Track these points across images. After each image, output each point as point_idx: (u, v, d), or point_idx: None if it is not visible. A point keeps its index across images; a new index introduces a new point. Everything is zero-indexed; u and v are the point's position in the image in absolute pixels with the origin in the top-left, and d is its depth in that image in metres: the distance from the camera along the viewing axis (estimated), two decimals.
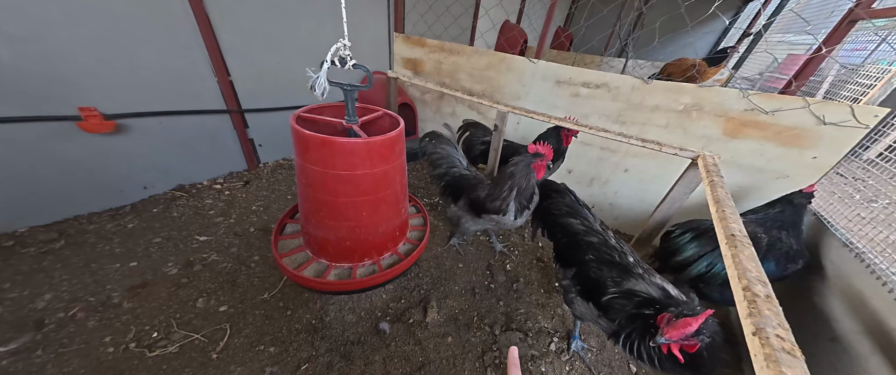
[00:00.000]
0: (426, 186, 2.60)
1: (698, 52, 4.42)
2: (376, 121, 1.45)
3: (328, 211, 1.23)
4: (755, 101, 1.48)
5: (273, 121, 2.31)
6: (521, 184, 1.41)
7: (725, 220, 0.76)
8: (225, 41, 1.85)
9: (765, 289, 0.54)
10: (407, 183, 1.49)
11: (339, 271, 1.35)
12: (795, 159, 1.48)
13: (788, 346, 0.44)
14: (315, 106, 1.30)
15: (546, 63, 2.18)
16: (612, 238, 1.15)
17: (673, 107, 1.75)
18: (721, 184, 0.95)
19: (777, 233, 1.24)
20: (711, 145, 1.68)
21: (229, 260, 1.57)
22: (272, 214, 1.96)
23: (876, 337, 0.93)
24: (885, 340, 0.91)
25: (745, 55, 3.10)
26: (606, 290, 1.00)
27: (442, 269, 1.72)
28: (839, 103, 1.31)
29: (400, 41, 2.79)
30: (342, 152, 1.09)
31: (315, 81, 1.02)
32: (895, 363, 0.86)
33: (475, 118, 2.72)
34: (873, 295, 1.00)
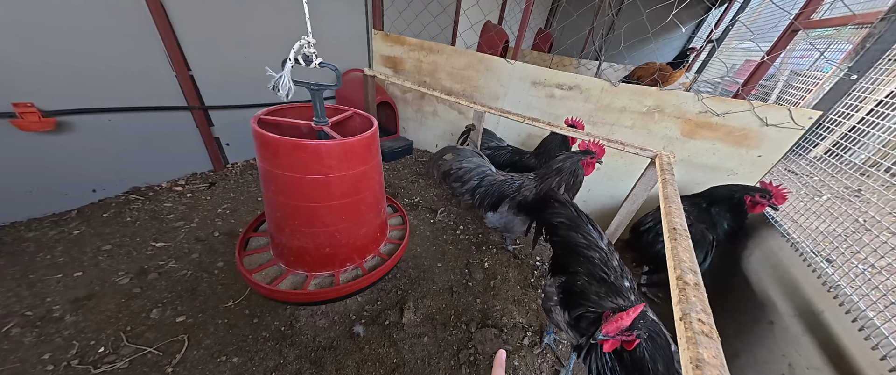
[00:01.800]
0: (407, 185, 2.58)
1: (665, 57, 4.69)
2: (346, 121, 1.42)
3: (305, 218, 1.19)
4: (708, 104, 1.59)
5: (242, 119, 2.20)
6: (570, 181, 1.44)
7: (670, 215, 0.81)
8: (184, 33, 1.73)
9: (694, 278, 0.58)
10: (383, 183, 1.47)
11: (319, 280, 1.31)
12: (743, 158, 1.60)
13: (707, 329, 0.47)
14: (276, 107, 1.25)
15: (523, 65, 2.23)
16: (616, 259, 1.10)
17: (638, 108, 1.84)
18: (671, 182, 1.01)
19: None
20: (672, 144, 1.79)
21: (189, 267, 1.47)
22: (240, 217, 1.87)
23: (806, 319, 1.03)
24: (815, 321, 1.01)
25: (707, 61, 3.34)
26: (586, 303, 0.99)
27: (420, 269, 1.71)
28: (779, 106, 1.44)
29: (379, 39, 2.74)
30: (319, 155, 1.06)
31: (278, 81, 0.98)
32: (821, 341, 0.96)
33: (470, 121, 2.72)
34: (805, 282, 1.10)
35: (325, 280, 1.32)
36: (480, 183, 1.82)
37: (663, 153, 1.28)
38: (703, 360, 0.43)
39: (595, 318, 0.93)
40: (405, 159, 3.03)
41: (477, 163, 1.89)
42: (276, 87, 0.98)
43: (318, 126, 1.23)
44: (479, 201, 1.81)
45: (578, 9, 3.05)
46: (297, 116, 1.30)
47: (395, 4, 2.80)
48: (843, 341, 0.90)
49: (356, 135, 1.14)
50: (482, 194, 1.80)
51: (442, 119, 2.96)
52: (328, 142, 1.07)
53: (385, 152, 2.85)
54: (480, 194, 1.81)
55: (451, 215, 2.26)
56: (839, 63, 1.32)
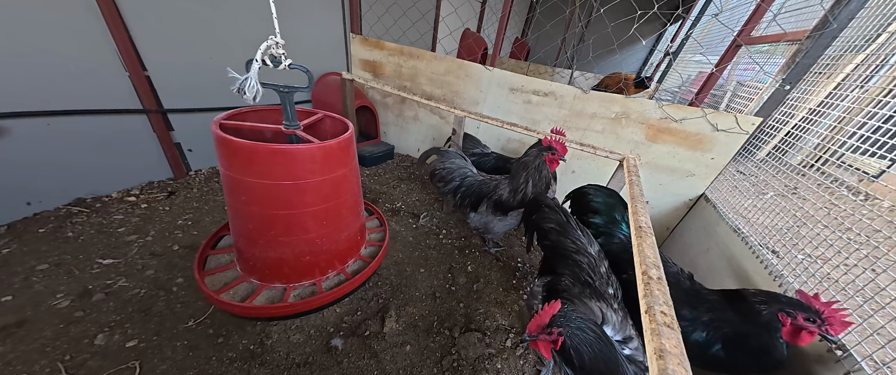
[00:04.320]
0: (389, 191, 2.54)
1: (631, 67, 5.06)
2: (317, 124, 1.37)
3: (283, 227, 1.13)
4: (667, 110, 1.72)
5: (207, 123, 2.06)
6: (535, 177, 1.49)
7: (636, 214, 0.86)
8: (138, 30, 1.60)
9: (657, 272, 0.62)
10: (361, 185, 1.45)
11: (300, 290, 1.25)
12: (699, 160, 1.75)
13: (669, 320, 0.50)
14: (235, 111, 1.19)
15: (501, 71, 2.30)
16: (604, 266, 1.10)
17: (607, 115, 1.96)
18: (637, 183, 1.08)
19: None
20: (638, 148, 1.91)
21: (143, 285, 1.34)
22: (205, 228, 1.73)
23: None
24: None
25: (666, 72, 3.66)
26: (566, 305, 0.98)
27: (403, 275, 1.68)
28: (727, 113, 1.59)
29: (357, 43, 2.71)
30: (300, 159, 1.02)
31: (244, 83, 0.93)
32: None
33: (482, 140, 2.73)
34: (754, 272, 1.21)
35: (307, 290, 1.26)
36: (461, 183, 1.85)
37: (630, 157, 1.37)
38: (665, 350, 0.46)
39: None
40: (387, 164, 2.99)
41: (459, 165, 1.91)
42: (241, 89, 0.93)
43: (289, 130, 1.18)
44: (460, 200, 1.83)
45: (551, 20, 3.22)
46: (259, 120, 1.25)
47: (373, 9, 2.79)
48: None
49: (329, 138, 1.11)
50: (463, 193, 1.83)
51: (423, 124, 2.96)
52: (309, 146, 1.03)
53: (365, 157, 2.79)
54: (462, 194, 1.83)
55: (434, 220, 2.25)
56: (775, 75, 1.49)
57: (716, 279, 1.40)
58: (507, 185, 1.65)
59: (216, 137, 0.99)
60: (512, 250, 2.06)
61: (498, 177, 1.81)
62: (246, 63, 0.93)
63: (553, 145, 1.50)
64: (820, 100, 1.58)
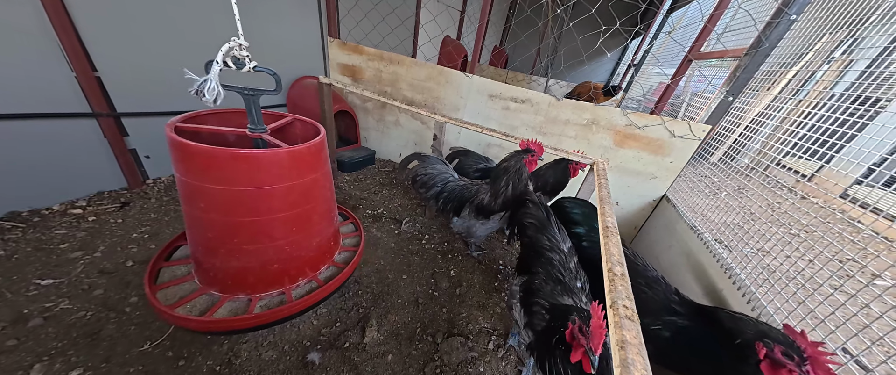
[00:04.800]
0: (369, 197, 2.49)
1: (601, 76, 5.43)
2: (287, 128, 1.33)
3: (248, 234, 1.07)
4: (631, 118, 1.86)
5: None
6: (516, 179, 1.54)
7: (604, 215, 0.93)
8: (86, 26, 1.47)
9: (621, 269, 0.67)
10: (333, 190, 1.41)
11: (267, 300, 1.18)
12: (660, 164, 1.90)
13: (630, 313, 0.55)
14: (193, 114, 1.13)
15: (480, 78, 2.36)
16: (573, 262, 1.16)
17: (579, 121, 2.08)
18: (605, 186, 1.16)
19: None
20: (607, 152, 2.04)
21: (90, 307, 1.21)
22: (164, 241, 1.59)
23: (712, 298, 1.23)
24: (719, 298, 1.22)
25: (631, 82, 3.97)
26: (540, 302, 1.03)
27: (384, 283, 1.65)
28: (681, 121, 1.75)
29: (335, 47, 2.67)
30: (266, 165, 0.97)
31: (204, 85, 0.89)
32: None
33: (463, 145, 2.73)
34: (708, 266, 1.33)
35: (274, 300, 1.20)
36: (443, 189, 1.86)
37: (599, 161, 1.46)
38: (626, 341, 0.50)
39: (549, 319, 0.99)
40: (367, 170, 2.94)
41: (440, 169, 1.93)
42: (199, 91, 0.88)
43: (254, 134, 1.13)
44: (443, 205, 1.84)
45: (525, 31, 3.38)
46: (221, 123, 1.19)
47: (351, 14, 2.77)
48: None
49: (299, 142, 1.08)
50: (445, 198, 1.84)
51: (405, 128, 2.96)
52: (276, 151, 1.00)
53: (345, 163, 2.73)
54: (444, 199, 1.84)
55: (417, 225, 2.24)
56: (720, 87, 1.67)
57: (677, 272, 1.52)
58: (488, 189, 1.70)
59: (170, 141, 0.93)
60: (494, 252, 2.10)
61: (479, 181, 1.85)
62: (206, 64, 0.88)
63: (531, 146, 1.59)
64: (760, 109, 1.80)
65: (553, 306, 1.00)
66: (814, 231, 1.09)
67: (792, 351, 0.71)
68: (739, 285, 1.15)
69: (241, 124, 1.18)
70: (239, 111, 1.23)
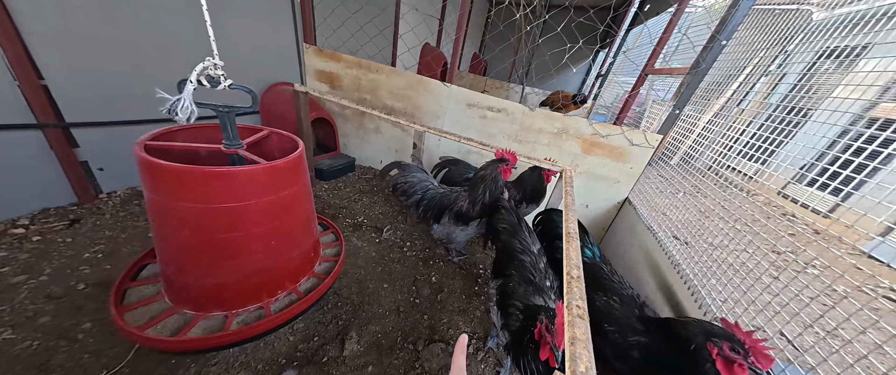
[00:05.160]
0: (350, 205, 2.47)
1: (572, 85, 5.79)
2: (263, 141, 1.32)
3: (225, 250, 1.04)
4: (596, 127, 2.02)
5: (124, 138, 1.79)
6: (492, 187, 1.63)
7: (567, 221, 1.01)
8: (31, 30, 1.36)
9: (578, 272, 0.75)
10: (313, 200, 1.41)
11: (244, 316, 1.15)
12: (622, 170, 2.08)
13: (582, 313, 0.62)
14: (163, 130, 1.10)
15: (458, 88, 2.44)
16: (542, 262, 1.24)
17: (551, 130, 2.21)
18: (571, 193, 1.26)
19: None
20: (576, 159, 2.19)
21: (37, 336, 1.10)
22: (121, 260, 1.48)
23: (664, 292, 1.37)
24: (670, 293, 1.36)
25: (599, 92, 4.28)
26: (515, 303, 1.09)
27: (365, 293, 1.65)
28: (638, 130, 1.94)
29: (311, 53, 2.63)
30: (242, 181, 0.96)
31: (176, 105, 0.87)
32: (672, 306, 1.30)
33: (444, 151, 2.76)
34: (661, 263, 1.48)
35: (253, 315, 1.17)
36: (423, 197, 1.90)
37: (567, 169, 1.57)
38: (576, 337, 0.57)
39: (523, 319, 1.06)
40: (347, 177, 2.90)
41: (421, 178, 1.97)
42: (172, 111, 0.86)
43: (230, 150, 1.12)
44: (423, 213, 1.88)
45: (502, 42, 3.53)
46: (192, 139, 1.16)
47: (328, 22, 2.75)
48: (684, 305, 1.23)
49: (276, 154, 1.08)
50: (425, 206, 1.88)
51: (385, 136, 2.97)
52: (253, 167, 0.99)
53: (323, 171, 2.68)
54: (424, 207, 1.88)
55: (398, 233, 2.25)
56: (669, 101, 1.86)
57: (637, 269, 1.67)
58: (467, 196, 1.76)
59: (140, 161, 0.90)
60: (474, 257, 2.16)
61: (458, 189, 1.91)
62: (178, 83, 0.87)
63: (505, 156, 1.69)
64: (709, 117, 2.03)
65: (526, 306, 1.07)
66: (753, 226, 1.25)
67: (736, 345, 0.78)
68: (685, 279, 1.29)
69: (214, 139, 1.15)
70: (212, 126, 1.20)
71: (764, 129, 1.32)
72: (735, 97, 2.36)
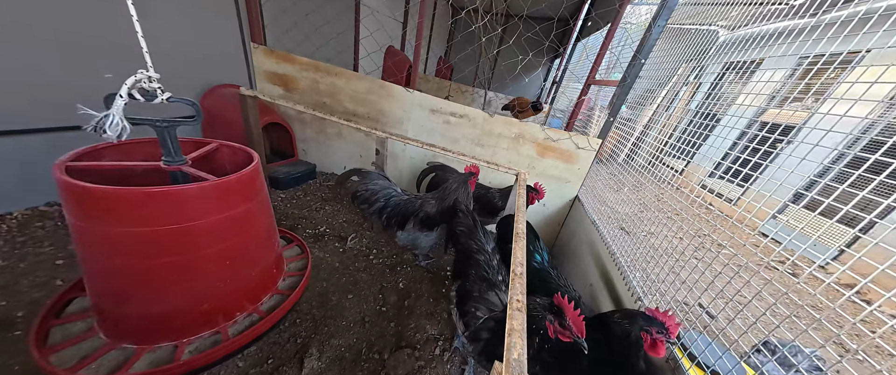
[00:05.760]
0: (310, 214, 2.36)
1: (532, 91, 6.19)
2: (212, 155, 1.23)
3: (172, 275, 0.96)
4: (548, 132, 2.22)
5: (23, 148, 1.51)
6: (461, 197, 1.74)
7: (517, 222, 1.12)
8: None
9: (521, 269, 0.84)
10: (273, 214, 1.35)
11: (197, 344, 1.06)
12: (571, 170, 2.30)
13: (521, 306, 0.71)
14: (87, 149, 0.98)
15: (421, 94, 2.47)
16: (495, 260, 1.33)
17: (509, 134, 2.36)
18: (523, 195, 1.38)
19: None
20: (532, 162, 2.37)
21: None
22: (20, 297, 1.24)
23: (604, 281, 1.57)
24: (608, 280, 1.55)
25: (555, 97, 4.66)
26: (471, 303, 1.15)
27: (327, 306, 1.60)
28: (582, 135, 2.17)
29: (261, 54, 2.46)
30: (187, 201, 0.89)
31: (104, 121, 0.78)
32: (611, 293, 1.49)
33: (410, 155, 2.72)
34: (602, 254, 1.69)
35: (207, 341, 1.09)
36: (386, 204, 1.91)
37: (522, 172, 1.71)
38: (513, 328, 0.65)
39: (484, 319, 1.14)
40: (308, 185, 2.77)
41: (383, 185, 1.97)
42: (99, 128, 0.77)
43: (172, 167, 1.03)
44: (387, 220, 1.89)
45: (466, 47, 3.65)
46: (125, 156, 1.05)
47: (278, 20, 2.59)
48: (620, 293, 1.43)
49: (227, 168, 1.02)
50: (389, 213, 1.89)
51: (348, 141, 2.89)
52: (200, 186, 0.92)
53: (280, 179, 2.53)
54: (387, 215, 1.89)
55: (364, 240, 2.22)
56: (606, 108, 2.12)
57: (584, 261, 1.88)
58: (436, 204, 1.82)
59: (61, 185, 0.79)
60: (442, 260, 2.22)
61: (422, 195, 1.95)
62: (105, 98, 0.78)
63: (472, 170, 1.86)
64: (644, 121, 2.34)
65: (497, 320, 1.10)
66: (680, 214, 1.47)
67: (659, 327, 0.94)
68: (618, 266, 1.50)
69: (151, 156, 1.04)
70: (149, 140, 1.08)
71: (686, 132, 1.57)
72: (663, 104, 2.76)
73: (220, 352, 1.07)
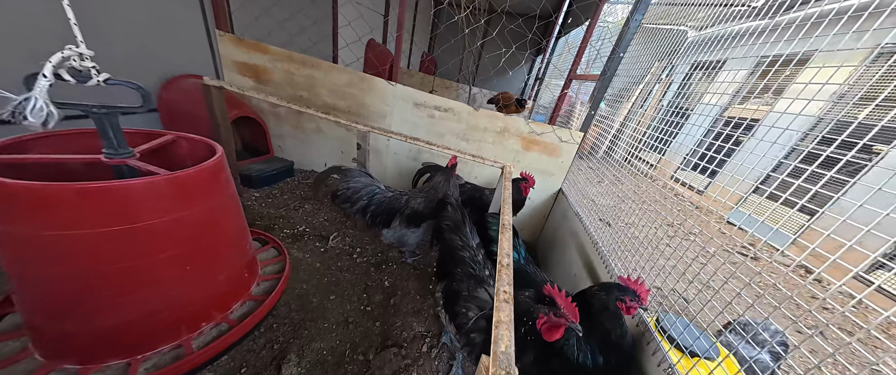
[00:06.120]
0: (288, 213, 2.23)
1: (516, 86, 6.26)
2: (168, 148, 1.11)
3: (120, 285, 0.85)
4: (532, 126, 2.23)
5: None
6: (451, 191, 1.71)
7: (504, 213, 1.10)
8: None
9: (508, 260, 0.82)
10: (243, 213, 1.24)
11: (155, 360, 0.96)
12: (555, 163, 2.33)
13: (508, 297, 0.68)
14: (10, 141, 0.85)
15: (404, 87, 2.40)
16: (481, 255, 1.29)
17: (494, 128, 2.35)
18: (509, 187, 1.36)
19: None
20: (517, 155, 2.38)
21: None
22: None
23: (588, 270, 1.60)
24: (590, 267, 1.58)
25: (537, 92, 4.73)
26: (460, 302, 1.12)
27: (307, 309, 1.52)
28: (566, 129, 2.19)
29: (228, 42, 2.28)
30: (133, 198, 0.79)
31: (24, 106, 0.66)
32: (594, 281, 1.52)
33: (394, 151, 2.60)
34: (585, 244, 1.72)
35: (166, 357, 0.98)
36: (370, 202, 1.84)
37: (507, 165, 1.69)
38: (501, 320, 0.62)
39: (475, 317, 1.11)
40: (285, 183, 2.62)
41: (365, 183, 1.89)
42: (18, 114, 0.65)
43: (115, 160, 0.91)
44: (371, 219, 1.82)
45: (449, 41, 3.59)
46: (60, 148, 0.92)
47: (246, 7, 2.41)
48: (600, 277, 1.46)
49: (188, 164, 0.92)
50: (373, 212, 1.82)
51: (328, 136, 2.76)
52: (150, 180, 0.81)
53: (253, 177, 2.37)
54: (372, 213, 1.82)
55: (347, 239, 2.13)
56: (586, 102, 2.15)
57: (567, 251, 1.91)
58: (422, 200, 1.77)
59: None
60: (429, 256, 2.18)
61: (407, 191, 1.90)
62: (25, 79, 0.66)
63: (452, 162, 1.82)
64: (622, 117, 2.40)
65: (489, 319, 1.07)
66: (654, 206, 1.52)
67: (632, 295, 1.02)
68: (601, 255, 1.53)
69: (90, 149, 0.91)
70: (85, 132, 0.95)
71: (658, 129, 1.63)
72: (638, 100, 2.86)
73: (184, 367, 0.98)
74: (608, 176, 2.12)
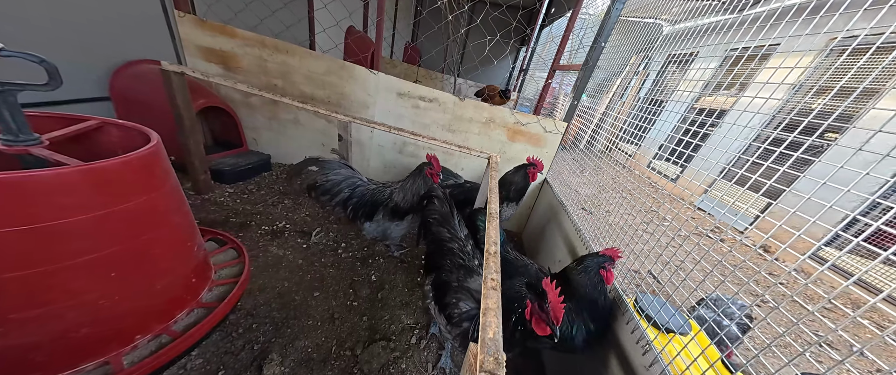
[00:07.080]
0: (266, 209, 2.12)
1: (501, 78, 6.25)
2: (91, 136, 0.98)
3: (23, 295, 0.73)
4: (517, 117, 2.23)
5: None
6: (429, 184, 1.66)
7: (491, 202, 1.09)
8: None
9: (495, 248, 0.82)
10: (190, 211, 1.13)
11: None
12: (540, 153, 2.36)
13: (495, 285, 0.68)
14: None
15: (386, 76, 2.31)
16: (470, 245, 1.29)
17: (480, 119, 2.33)
18: (495, 177, 1.36)
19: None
20: (503, 146, 2.38)
21: None
22: None
23: (572, 256, 1.64)
24: (572, 247, 1.63)
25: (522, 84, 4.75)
26: (451, 294, 1.11)
27: (289, 307, 1.46)
28: (550, 119, 2.21)
29: (189, 24, 2.07)
30: (42, 192, 0.68)
31: None
32: None
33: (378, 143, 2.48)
34: (569, 230, 1.76)
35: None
36: (352, 194, 1.77)
37: (494, 156, 1.68)
38: (488, 307, 0.61)
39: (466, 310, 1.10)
40: (261, 178, 2.48)
41: (346, 175, 1.82)
42: None
43: (14, 149, 0.78)
44: (352, 212, 1.76)
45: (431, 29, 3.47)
46: None
47: None
48: None
49: (118, 154, 0.81)
50: (355, 205, 1.76)
51: (307, 127, 2.62)
52: (57, 171, 0.71)
53: (225, 173, 2.22)
54: (353, 206, 1.76)
55: (331, 234, 2.06)
56: (569, 94, 2.17)
57: (551, 239, 1.95)
58: (407, 191, 1.73)
59: None
60: (416, 249, 2.15)
61: (392, 183, 1.84)
62: None
63: (431, 160, 1.76)
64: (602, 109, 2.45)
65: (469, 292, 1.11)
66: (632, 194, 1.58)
67: (608, 260, 1.16)
68: (584, 241, 1.57)
69: None
70: None
71: (636, 118, 1.67)
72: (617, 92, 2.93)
73: None
74: (589, 166, 2.18)
